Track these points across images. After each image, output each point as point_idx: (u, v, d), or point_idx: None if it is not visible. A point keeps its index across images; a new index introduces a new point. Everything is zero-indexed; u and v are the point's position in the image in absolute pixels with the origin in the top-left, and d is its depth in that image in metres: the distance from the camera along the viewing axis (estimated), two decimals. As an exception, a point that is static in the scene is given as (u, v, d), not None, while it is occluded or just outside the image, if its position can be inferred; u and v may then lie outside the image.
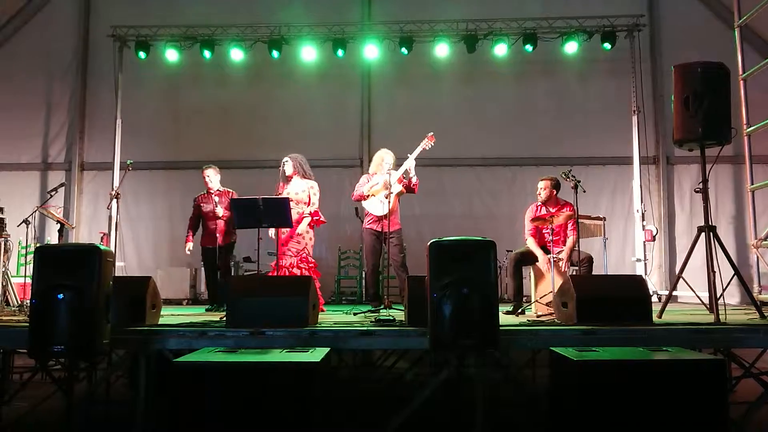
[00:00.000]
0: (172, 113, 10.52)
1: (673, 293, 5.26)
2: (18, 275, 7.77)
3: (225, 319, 4.41)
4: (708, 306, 4.87)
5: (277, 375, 3.28)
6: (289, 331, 4.08)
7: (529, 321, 4.84)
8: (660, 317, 4.79)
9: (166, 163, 10.29)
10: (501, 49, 9.54)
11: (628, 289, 4.56)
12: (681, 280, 4.98)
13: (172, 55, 9.73)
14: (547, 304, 5.54)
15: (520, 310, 5.77)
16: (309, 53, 9.64)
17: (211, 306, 6.85)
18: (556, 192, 6.09)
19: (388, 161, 6.21)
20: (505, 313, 5.64)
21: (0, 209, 6.79)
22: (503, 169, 10.28)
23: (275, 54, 9.57)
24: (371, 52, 9.64)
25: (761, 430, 4.21)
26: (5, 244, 6.59)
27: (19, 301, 6.63)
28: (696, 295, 5.05)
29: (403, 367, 6.24)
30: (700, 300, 5.03)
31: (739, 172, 9.45)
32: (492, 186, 10.26)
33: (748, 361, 4.83)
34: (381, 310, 5.65)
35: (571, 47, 9.54)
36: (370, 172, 6.41)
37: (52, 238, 9.30)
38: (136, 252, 10.33)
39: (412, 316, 4.33)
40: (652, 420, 3.23)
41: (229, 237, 6.88)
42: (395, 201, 6.08)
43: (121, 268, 9.66)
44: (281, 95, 10.38)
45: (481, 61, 9.86)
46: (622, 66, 9.81)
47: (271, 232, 6.05)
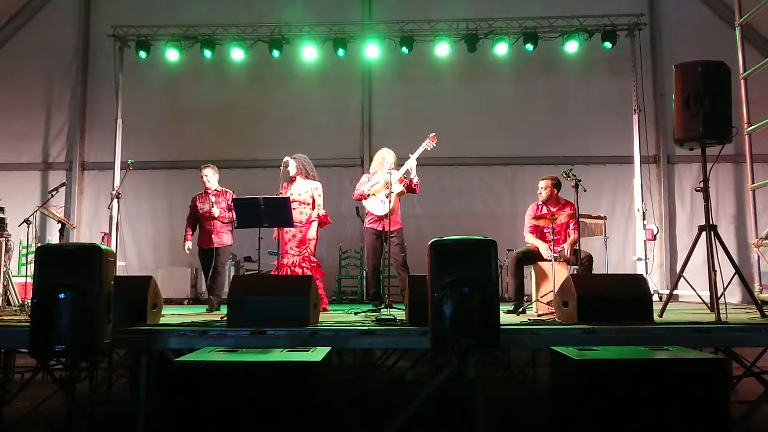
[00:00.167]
0: (172, 113, 10.52)
1: (674, 292, 5.26)
2: (19, 275, 7.78)
3: (226, 318, 4.42)
4: (709, 305, 4.87)
5: (278, 374, 3.27)
6: (290, 330, 4.08)
7: (530, 320, 4.83)
8: (661, 316, 4.79)
9: (167, 162, 10.30)
10: (501, 49, 9.54)
11: (628, 288, 4.56)
12: (682, 279, 4.97)
13: (172, 54, 9.73)
14: (548, 303, 5.54)
15: (520, 310, 5.77)
16: (309, 53, 9.64)
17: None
18: (557, 191, 6.09)
19: (389, 160, 6.18)
20: (506, 312, 5.64)
21: (1, 209, 6.81)
22: (504, 168, 10.28)
23: (276, 53, 9.56)
24: (372, 51, 9.64)
25: (762, 429, 4.21)
26: (6, 244, 6.60)
27: (20, 301, 6.64)
28: (697, 294, 5.05)
29: (404, 366, 6.25)
30: (701, 299, 5.03)
31: (739, 171, 9.44)
32: (493, 185, 10.26)
33: (749, 360, 4.83)
34: (382, 310, 5.65)
35: (571, 46, 9.53)
36: (371, 171, 6.40)
37: (53, 237, 9.31)
38: (137, 252, 10.34)
39: (413, 316, 4.33)
40: (653, 419, 3.23)
41: (224, 239, 6.60)
42: (396, 200, 6.06)
43: (122, 267, 9.68)
44: (282, 95, 10.39)
45: (482, 61, 9.86)
46: (622, 65, 9.82)
47: (274, 233, 6.06)
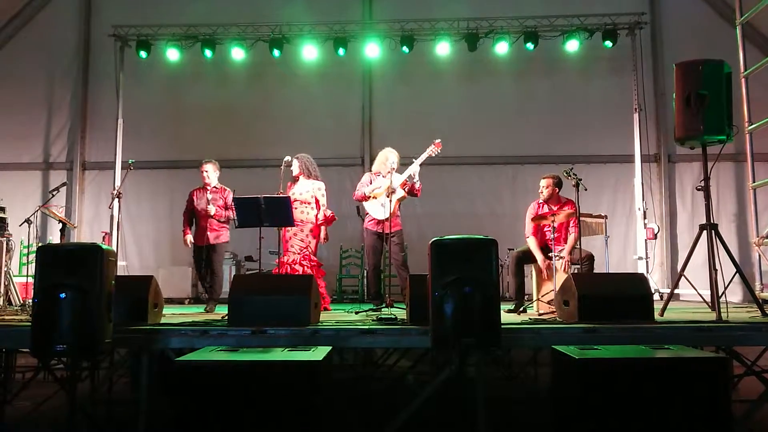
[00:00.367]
0: (173, 112, 10.52)
1: (675, 291, 5.26)
2: (20, 275, 7.80)
3: (227, 318, 4.42)
4: (710, 304, 4.87)
5: (278, 374, 3.27)
6: (290, 329, 4.08)
7: (530, 319, 4.83)
8: (662, 315, 4.79)
9: (168, 162, 10.30)
10: (502, 48, 9.53)
11: (629, 288, 4.56)
12: (683, 278, 4.97)
13: (173, 54, 9.73)
14: (549, 303, 5.54)
15: (521, 309, 5.77)
16: (310, 52, 9.64)
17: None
18: (558, 190, 6.10)
19: (392, 160, 6.16)
20: (507, 311, 5.64)
21: (2, 209, 6.81)
22: (504, 168, 10.28)
23: (276, 53, 9.55)
24: (372, 50, 9.63)
25: (763, 428, 4.21)
26: (7, 244, 6.61)
27: (22, 301, 6.65)
28: (698, 293, 5.05)
29: (404, 365, 6.25)
30: (702, 298, 5.03)
31: (740, 170, 9.44)
32: (493, 184, 10.26)
33: (750, 359, 4.83)
34: (383, 309, 5.65)
35: (572, 45, 9.52)
36: (373, 171, 6.39)
37: (54, 237, 9.32)
38: (138, 251, 10.35)
39: (414, 315, 4.33)
40: (654, 418, 3.23)
41: (219, 237, 6.52)
42: (396, 204, 6.06)
43: (123, 267, 9.68)
44: (282, 94, 10.39)
45: (482, 60, 9.85)
46: (623, 64, 9.81)
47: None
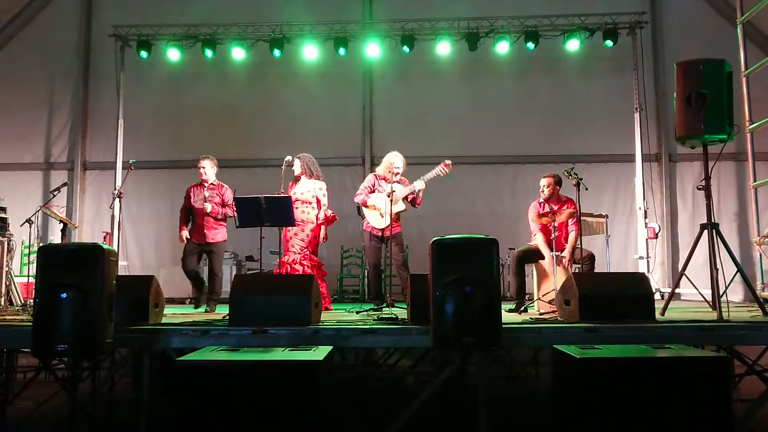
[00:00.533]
0: (174, 112, 10.52)
1: (676, 291, 5.26)
2: (21, 275, 7.80)
3: (227, 318, 4.42)
4: (711, 303, 4.87)
5: (279, 373, 3.28)
6: (291, 329, 4.08)
7: (531, 319, 4.83)
8: (663, 315, 4.79)
9: (169, 162, 10.30)
10: (503, 47, 9.52)
11: (630, 287, 4.56)
12: (684, 278, 4.97)
13: (173, 54, 9.73)
14: (550, 302, 5.53)
15: (522, 308, 5.77)
16: (310, 52, 9.64)
17: (197, 305, 6.48)
18: (558, 188, 6.11)
19: (397, 165, 6.18)
20: (508, 311, 5.64)
21: (3, 209, 6.82)
22: (505, 167, 10.28)
23: (276, 53, 9.55)
24: (373, 50, 9.63)
25: (765, 427, 4.20)
26: (8, 244, 6.62)
27: (23, 301, 6.66)
28: (699, 292, 5.04)
29: (405, 365, 6.25)
30: (703, 297, 5.03)
31: (741, 170, 9.44)
32: (494, 184, 10.25)
33: (751, 359, 4.82)
34: (383, 309, 5.65)
35: (573, 45, 9.52)
36: (378, 173, 6.39)
37: (55, 237, 9.34)
38: (139, 251, 10.35)
39: (415, 315, 4.33)
40: (655, 418, 3.23)
41: (217, 236, 6.44)
42: (395, 215, 6.09)
43: (124, 267, 9.67)
44: (283, 94, 10.39)
45: (483, 59, 9.85)
46: (624, 63, 9.81)
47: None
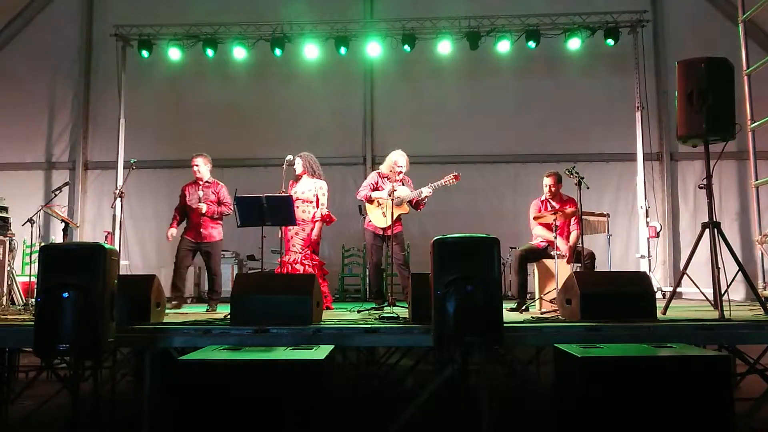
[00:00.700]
0: (175, 112, 10.52)
1: (678, 289, 5.26)
2: (23, 274, 7.80)
3: (229, 317, 4.42)
4: (712, 302, 4.87)
5: (281, 373, 3.27)
6: (293, 328, 4.08)
7: (533, 318, 4.83)
8: (664, 314, 4.79)
9: (170, 161, 10.28)
10: (504, 46, 9.51)
11: (632, 286, 4.55)
12: (685, 277, 4.96)
13: (174, 53, 9.73)
14: (551, 301, 5.53)
15: (524, 307, 5.77)
16: (311, 51, 9.63)
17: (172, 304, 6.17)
18: (560, 186, 6.11)
19: (400, 163, 6.19)
20: (509, 310, 5.64)
21: (4, 209, 6.83)
22: (507, 166, 10.27)
23: (278, 52, 9.54)
24: (374, 49, 9.62)
25: (766, 426, 4.20)
26: (10, 244, 6.63)
27: (24, 300, 6.66)
28: (700, 291, 5.04)
29: (407, 364, 6.25)
30: (705, 296, 5.03)
31: (743, 168, 9.42)
32: (495, 183, 10.24)
33: (753, 358, 4.82)
34: (385, 308, 5.66)
35: (574, 43, 9.50)
36: (382, 171, 6.39)
37: (57, 237, 9.35)
38: (141, 251, 10.34)
39: (416, 314, 4.33)
40: (656, 416, 3.23)
41: (214, 235, 6.42)
42: (397, 215, 6.13)
43: (126, 266, 9.66)
44: (284, 93, 10.39)
45: (484, 58, 9.84)
46: (625, 62, 9.79)
47: (279, 229, 6.07)
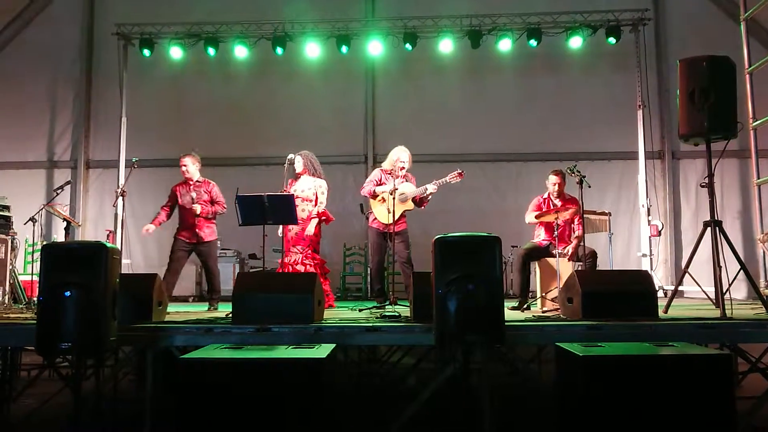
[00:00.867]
0: (176, 110, 10.53)
1: (679, 288, 5.26)
2: (25, 273, 7.81)
3: (231, 315, 4.43)
4: (714, 301, 4.86)
5: (283, 371, 3.28)
6: (294, 327, 4.09)
7: (534, 317, 4.83)
8: (666, 312, 4.79)
9: (172, 160, 10.14)
10: (505, 45, 9.52)
11: (633, 284, 4.55)
12: (687, 275, 4.96)
13: (176, 52, 9.75)
14: (553, 300, 5.53)
15: (525, 306, 5.77)
16: (313, 50, 9.64)
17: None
18: (565, 185, 6.11)
19: (403, 159, 6.18)
20: (511, 308, 5.64)
21: (6, 207, 6.84)
22: (508, 165, 10.27)
23: (279, 51, 9.55)
24: (375, 48, 9.63)
25: (767, 424, 4.20)
26: (12, 242, 6.64)
27: (27, 299, 6.67)
28: (702, 290, 5.04)
29: (408, 362, 6.25)
30: (706, 295, 5.02)
31: (745, 167, 9.42)
32: (497, 181, 10.24)
33: (755, 356, 4.82)
34: (386, 306, 5.66)
35: (575, 42, 9.51)
36: (385, 167, 6.39)
37: (59, 236, 9.34)
38: (143, 249, 10.34)
39: (418, 312, 4.34)
40: (658, 415, 3.23)
41: (209, 234, 6.31)
42: (401, 212, 6.15)
43: (128, 265, 9.69)
44: (286, 92, 10.39)
45: (486, 57, 9.84)
46: (627, 60, 9.78)
47: (279, 231, 6.07)
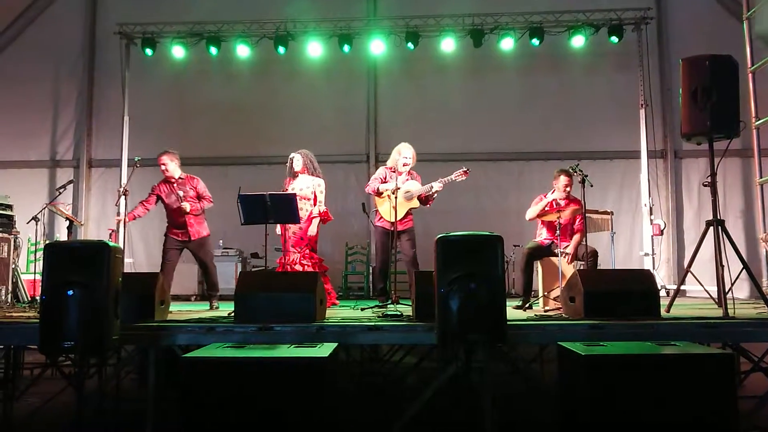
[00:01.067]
0: (178, 110, 10.54)
1: (682, 287, 5.24)
2: (28, 272, 7.83)
3: (233, 315, 4.43)
4: (716, 300, 4.85)
5: (285, 370, 3.28)
6: (296, 326, 4.09)
7: (536, 316, 4.83)
8: (668, 312, 4.78)
9: (174, 159, 10.30)
10: (507, 44, 9.50)
11: (636, 284, 4.54)
12: (689, 275, 4.95)
13: (178, 51, 9.75)
14: (555, 299, 5.53)
15: (527, 305, 5.77)
16: (315, 49, 9.64)
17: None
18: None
19: (404, 155, 6.18)
20: (514, 308, 5.64)
21: (9, 206, 6.85)
22: (510, 164, 10.26)
23: (281, 50, 9.56)
24: (377, 47, 9.62)
25: (770, 424, 4.19)
26: (15, 241, 6.65)
27: (29, 298, 6.69)
28: (704, 289, 5.03)
29: (410, 362, 6.25)
30: (709, 294, 5.01)
31: (747, 166, 9.40)
32: (499, 181, 10.23)
33: (757, 356, 4.81)
34: (388, 306, 5.66)
35: (578, 41, 9.49)
36: (389, 165, 6.40)
37: (61, 235, 9.35)
38: (145, 248, 10.36)
39: (420, 311, 4.34)
40: (660, 414, 3.23)
41: (201, 231, 6.34)
42: (406, 209, 6.17)
43: (130, 264, 9.72)
44: (287, 91, 10.39)
45: (488, 56, 9.83)
46: (629, 59, 9.77)
47: (277, 229, 6.07)
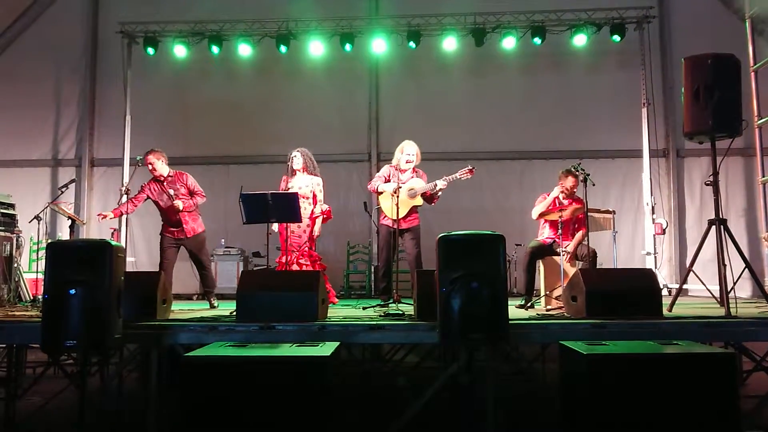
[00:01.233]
0: (180, 109, 10.55)
1: (684, 286, 5.24)
2: (30, 271, 7.84)
3: (235, 314, 4.44)
4: (719, 299, 4.85)
5: (287, 369, 3.29)
6: (298, 325, 4.10)
7: (538, 315, 4.83)
8: (670, 311, 4.77)
9: (175, 158, 10.09)
10: (509, 43, 9.48)
11: (638, 283, 4.54)
12: (691, 274, 4.95)
13: (180, 50, 9.74)
14: (557, 298, 5.53)
15: (529, 304, 5.77)
16: (317, 48, 9.62)
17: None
18: None
19: (408, 152, 6.19)
20: (516, 307, 5.64)
21: (11, 205, 6.86)
22: (512, 163, 10.25)
23: (283, 49, 9.55)
24: (379, 46, 9.61)
25: (773, 423, 4.19)
26: (17, 240, 6.66)
27: (32, 297, 6.70)
28: (707, 288, 5.02)
29: (412, 361, 6.26)
30: (711, 293, 5.01)
31: (750, 165, 9.37)
32: (501, 180, 10.22)
33: (759, 355, 4.80)
34: (390, 305, 5.66)
35: (580, 40, 9.45)
36: (393, 164, 6.40)
37: (64, 234, 9.37)
38: (147, 247, 10.35)
39: (422, 311, 4.34)
40: (662, 414, 3.23)
41: (196, 228, 6.35)
42: (410, 207, 6.16)
43: (132, 263, 9.72)
44: (289, 90, 10.39)
45: (490, 55, 9.81)
46: (631, 58, 9.74)
47: (275, 228, 6.07)
